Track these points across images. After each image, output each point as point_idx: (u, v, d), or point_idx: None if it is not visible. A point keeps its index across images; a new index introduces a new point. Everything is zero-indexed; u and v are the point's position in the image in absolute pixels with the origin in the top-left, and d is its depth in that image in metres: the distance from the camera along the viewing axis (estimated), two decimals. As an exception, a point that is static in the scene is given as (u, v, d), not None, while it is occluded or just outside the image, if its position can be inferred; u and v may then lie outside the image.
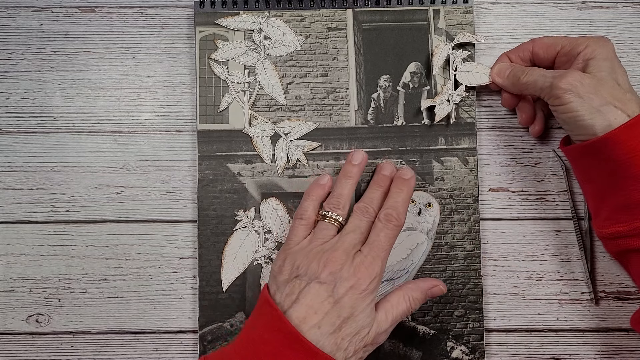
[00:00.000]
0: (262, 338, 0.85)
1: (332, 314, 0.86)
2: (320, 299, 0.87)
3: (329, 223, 0.95)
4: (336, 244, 0.91)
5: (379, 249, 0.91)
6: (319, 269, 0.88)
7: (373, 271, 0.89)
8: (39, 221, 1.08)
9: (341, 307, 0.87)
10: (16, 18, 1.11)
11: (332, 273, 0.88)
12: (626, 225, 0.93)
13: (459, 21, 1.08)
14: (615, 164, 0.91)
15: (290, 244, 0.95)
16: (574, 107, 0.93)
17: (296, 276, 0.89)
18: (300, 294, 0.87)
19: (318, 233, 0.94)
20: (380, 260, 0.91)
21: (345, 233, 0.93)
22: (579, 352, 1.07)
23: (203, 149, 1.07)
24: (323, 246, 0.92)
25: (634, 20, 1.11)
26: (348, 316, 0.87)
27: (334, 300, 0.87)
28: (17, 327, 1.07)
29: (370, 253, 0.90)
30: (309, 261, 0.90)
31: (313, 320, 0.86)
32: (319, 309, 0.86)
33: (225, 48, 1.08)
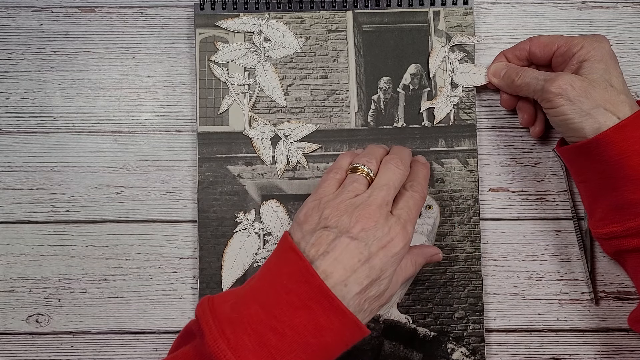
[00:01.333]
0: (285, 287, 0.82)
1: (360, 273, 0.83)
2: (351, 256, 0.83)
3: (360, 175, 0.91)
4: (369, 198, 0.87)
5: (409, 214, 0.89)
6: (351, 223, 0.85)
7: (406, 235, 0.87)
8: (39, 221, 1.08)
9: (371, 267, 0.84)
10: (16, 18, 1.10)
11: (365, 230, 0.84)
12: (620, 225, 0.94)
13: (459, 23, 1.08)
14: (608, 165, 0.92)
15: (318, 194, 0.91)
16: (564, 111, 0.94)
17: (324, 227, 0.85)
18: (329, 246, 0.84)
19: (348, 185, 0.90)
20: (412, 225, 0.89)
21: (377, 187, 0.89)
22: (579, 352, 1.07)
23: (203, 151, 1.07)
24: (354, 200, 0.88)
25: (634, 20, 1.11)
26: (376, 278, 0.84)
27: (365, 259, 0.83)
28: (17, 327, 1.07)
29: (403, 215, 0.88)
30: (340, 213, 0.86)
31: (341, 276, 0.82)
32: (347, 265, 0.83)
33: (225, 50, 1.08)
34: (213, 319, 0.80)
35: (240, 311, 0.81)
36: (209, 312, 0.81)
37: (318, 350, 0.81)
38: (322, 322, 0.80)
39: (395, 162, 0.92)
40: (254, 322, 0.80)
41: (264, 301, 0.81)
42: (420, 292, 1.06)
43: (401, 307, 1.05)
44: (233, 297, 0.84)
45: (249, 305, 0.82)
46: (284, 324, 0.79)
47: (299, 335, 0.79)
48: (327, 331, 0.81)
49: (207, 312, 0.81)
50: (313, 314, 0.80)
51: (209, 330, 0.79)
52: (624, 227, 0.93)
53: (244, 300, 0.83)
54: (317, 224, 0.86)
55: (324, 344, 0.81)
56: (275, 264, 0.86)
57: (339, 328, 0.81)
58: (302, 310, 0.80)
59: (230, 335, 0.79)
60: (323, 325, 0.80)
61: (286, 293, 0.81)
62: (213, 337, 0.78)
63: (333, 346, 0.82)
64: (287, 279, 0.82)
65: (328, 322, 0.80)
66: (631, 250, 0.94)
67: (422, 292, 1.06)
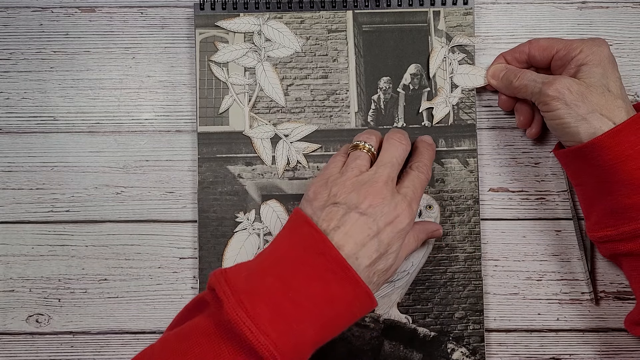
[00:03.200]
0: (300, 259, 0.85)
1: (370, 247, 0.87)
2: (361, 230, 0.87)
3: (362, 151, 0.95)
4: (374, 175, 0.91)
5: (414, 193, 0.93)
6: (359, 199, 0.88)
7: (411, 212, 0.91)
8: (39, 221, 1.08)
9: (380, 242, 0.88)
10: (16, 18, 1.10)
11: (373, 206, 0.88)
12: (614, 229, 0.94)
13: (459, 23, 1.08)
14: (603, 169, 0.92)
15: (325, 174, 0.94)
16: (560, 115, 0.94)
17: (333, 203, 0.89)
18: (339, 221, 0.88)
19: (351, 163, 0.94)
20: (416, 203, 0.93)
21: (381, 164, 0.93)
22: (579, 352, 1.07)
23: (203, 151, 1.07)
24: (360, 177, 0.91)
25: (634, 20, 1.11)
26: (383, 252, 0.88)
27: (374, 234, 0.88)
28: (17, 327, 1.07)
29: (409, 194, 0.92)
30: (348, 190, 0.90)
31: (351, 250, 0.86)
32: (358, 239, 0.87)
33: (225, 50, 1.08)
34: (230, 288, 0.82)
35: (256, 282, 0.84)
36: (224, 282, 0.83)
37: (331, 319, 0.85)
38: (337, 292, 0.84)
39: (398, 136, 0.96)
40: (270, 292, 0.82)
41: (279, 273, 0.84)
42: (420, 292, 1.06)
43: (401, 307, 1.05)
44: (245, 269, 0.86)
45: (265, 277, 0.84)
46: (300, 294, 0.83)
47: (314, 304, 0.83)
48: (340, 301, 0.84)
49: (222, 282, 0.83)
50: (328, 284, 0.84)
51: (227, 300, 0.81)
52: (619, 231, 0.93)
53: (259, 272, 0.85)
54: (326, 201, 0.90)
55: (337, 313, 0.85)
56: (289, 238, 0.89)
57: (352, 298, 0.85)
58: (317, 281, 0.84)
59: (247, 304, 0.81)
60: (337, 295, 0.84)
61: (302, 264, 0.85)
62: (232, 306, 0.80)
63: (345, 316, 0.86)
64: (303, 251, 0.86)
65: (342, 292, 0.84)
66: (626, 254, 0.95)
67: (422, 292, 1.06)
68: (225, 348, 0.81)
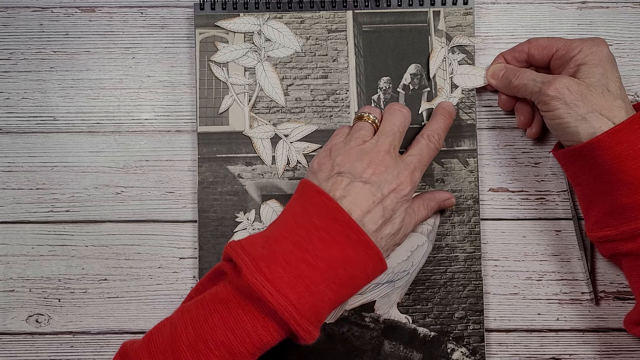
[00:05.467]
0: (314, 225, 0.88)
1: (375, 214, 0.90)
2: (365, 198, 0.90)
3: (365, 122, 0.98)
4: (377, 144, 0.94)
5: (420, 161, 0.96)
6: (363, 168, 0.91)
7: (414, 179, 0.94)
8: (39, 221, 1.08)
9: (384, 208, 0.91)
10: (16, 18, 1.10)
11: (376, 174, 0.91)
12: (614, 229, 0.94)
13: (459, 23, 1.08)
14: (602, 169, 0.92)
15: (329, 145, 0.97)
16: (559, 114, 0.94)
17: (338, 173, 0.92)
18: (345, 190, 0.90)
19: (355, 133, 0.97)
20: (420, 171, 0.96)
21: (383, 134, 0.95)
22: (579, 352, 1.07)
23: (203, 151, 1.07)
24: (363, 146, 0.94)
25: (634, 20, 1.11)
26: (389, 218, 0.91)
27: (378, 201, 0.90)
28: (17, 327, 1.07)
29: (413, 162, 0.95)
30: (351, 160, 0.92)
31: (358, 217, 0.89)
32: (363, 207, 0.89)
33: (225, 50, 1.07)
34: (247, 255, 0.85)
35: (272, 249, 0.87)
36: (241, 250, 0.86)
37: (346, 280, 0.88)
38: (351, 254, 0.87)
39: (399, 105, 0.98)
40: (287, 257, 0.85)
41: (294, 239, 0.87)
42: (420, 292, 1.06)
43: (401, 307, 1.05)
44: (260, 239, 0.89)
45: (280, 243, 0.87)
46: (316, 257, 0.86)
47: (330, 267, 0.86)
48: (355, 263, 0.88)
49: (239, 250, 0.86)
50: (342, 247, 0.87)
51: (246, 266, 0.83)
52: (618, 231, 0.93)
53: (274, 239, 0.88)
54: (330, 171, 0.93)
55: (352, 275, 0.88)
56: (301, 206, 0.91)
57: (365, 260, 0.88)
58: (332, 245, 0.87)
59: (265, 269, 0.84)
60: (351, 257, 0.87)
61: (316, 230, 0.87)
62: (250, 271, 0.83)
63: (359, 277, 0.89)
64: (317, 217, 0.88)
65: (355, 254, 0.87)
66: (625, 254, 0.95)
67: (422, 292, 1.06)
68: (244, 313, 0.83)
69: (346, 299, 0.90)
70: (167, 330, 0.85)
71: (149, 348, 0.85)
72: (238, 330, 0.83)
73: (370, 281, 0.92)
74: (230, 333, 0.82)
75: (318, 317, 0.86)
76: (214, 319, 0.83)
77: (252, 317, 0.83)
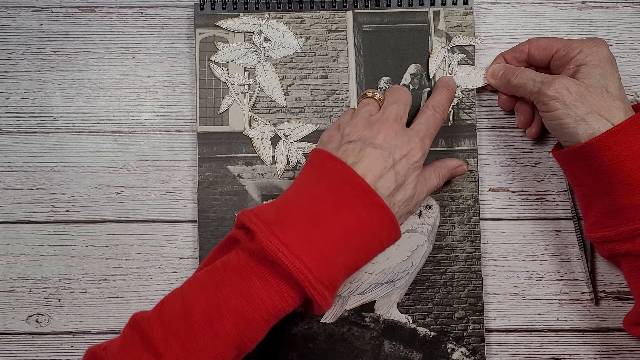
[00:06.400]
0: (326, 189, 0.88)
1: (388, 179, 0.90)
2: (378, 162, 0.90)
3: (370, 98, 1.00)
4: (383, 115, 0.95)
5: (428, 129, 0.97)
6: (373, 134, 0.92)
7: (424, 146, 0.95)
8: (39, 221, 1.08)
9: (396, 173, 0.91)
10: (16, 18, 1.10)
11: (387, 140, 0.92)
12: (612, 230, 0.94)
13: (458, 23, 1.08)
14: (601, 169, 0.92)
15: (337, 121, 0.99)
16: (559, 115, 0.94)
17: (348, 141, 0.92)
18: (357, 157, 0.90)
19: (361, 108, 0.98)
20: (429, 139, 0.97)
21: (388, 105, 0.97)
22: (579, 352, 1.07)
23: (203, 151, 1.07)
24: (370, 118, 0.96)
25: (634, 20, 1.11)
26: (401, 184, 0.92)
27: (390, 166, 0.91)
28: (17, 327, 1.07)
29: (422, 129, 0.96)
30: (360, 129, 0.93)
31: (371, 182, 0.89)
32: (376, 172, 0.90)
33: (225, 50, 1.07)
34: (260, 221, 0.84)
35: (285, 215, 0.86)
36: (254, 216, 0.85)
37: (360, 245, 0.88)
38: (364, 218, 0.87)
39: (400, 86, 1.01)
40: (300, 222, 0.85)
41: (307, 203, 0.87)
42: (420, 292, 1.06)
43: (401, 307, 1.05)
44: (272, 206, 0.89)
45: (293, 208, 0.87)
46: (329, 221, 0.85)
47: (343, 230, 0.86)
48: (368, 227, 0.88)
49: (252, 217, 0.85)
50: (356, 211, 0.87)
51: (260, 230, 0.83)
52: (617, 232, 0.93)
53: (287, 205, 0.88)
54: (340, 141, 0.94)
55: (366, 239, 0.88)
56: (313, 173, 0.92)
57: (379, 224, 0.89)
58: (345, 209, 0.86)
59: (279, 233, 0.83)
60: (364, 221, 0.87)
61: (328, 194, 0.88)
62: (264, 235, 0.83)
63: (372, 243, 0.90)
64: (329, 182, 0.89)
65: (369, 217, 0.87)
66: (624, 254, 0.94)
67: (422, 292, 1.06)
68: (258, 279, 0.83)
69: (360, 265, 0.90)
70: (178, 299, 0.85)
71: (160, 317, 0.84)
72: (252, 297, 0.82)
73: (384, 248, 0.92)
74: (243, 300, 0.82)
75: (332, 282, 0.85)
76: (226, 286, 0.83)
77: (266, 283, 0.82)
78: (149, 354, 0.81)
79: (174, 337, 0.81)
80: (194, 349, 0.81)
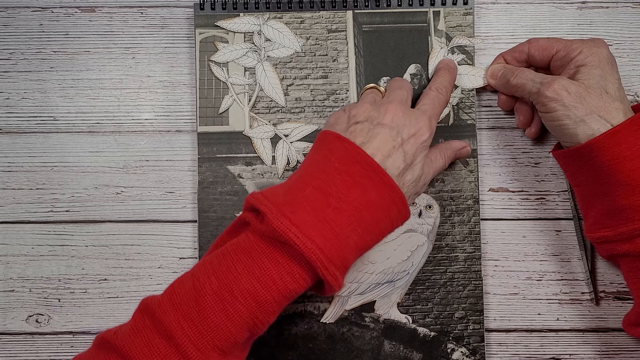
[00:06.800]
0: (337, 169, 0.87)
1: (397, 158, 0.90)
2: (386, 142, 0.90)
3: (374, 89, 1.02)
4: (389, 97, 0.96)
5: (433, 109, 0.97)
6: (380, 114, 0.92)
7: (432, 125, 0.95)
8: (39, 221, 1.08)
9: (405, 152, 0.91)
10: (16, 18, 1.10)
11: (395, 119, 0.91)
12: (612, 230, 0.94)
13: (458, 23, 1.08)
14: (601, 169, 0.92)
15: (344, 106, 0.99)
16: (558, 116, 0.94)
17: (356, 122, 0.92)
18: (366, 137, 0.90)
19: (366, 96, 0.99)
20: (435, 119, 0.97)
21: (392, 90, 0.97)
22: (579, 352, 1.07)
23: (203, 150, 1.07)
24: (376, 102, 0.96)
25: (634, 20, 1.11)
26: (410, 163, 0.91)
27: (399, 145, 0.90)
28: (17, 327, 1.07)
29: (428, 110, 0.96)
30: (367, 109, 0.93)
31: (380, 161, 0.88)
32: (385, 151, 0.89)
33: (225, 50, 1.07)
34: (270, 202, 0.84)
35: (295, 195, 0.86)
36: (264, 198, 0.85)
37: (371, 224, 0.87)
38: (374, 197, 0.86)
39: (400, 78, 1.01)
40: (310, 201, 0.85)
41: (317, 184, 0.86)
42: (420, 292, 1.06)
43: (401, 307, 1.05)
44: (282, 188, 0.88)
45: (303, 189, 0.86)
46: (340, 200, 0.85)
47: (354, 209, 0.85)
48: (378, 206, 0.87)
49: (262, 198, 0.85)
50: (366, 190, 0.86)
51: (270, 211, 0.83)
52: (616, 232, 0.93)
53: (296, 186, 0.87)
54: (347, 122, 0.93)
55: (377, 218, 0.87)
56: (321, 154, 0.91)
57: (389, 203, 0.88)
58: (355, 188, 0.86)
59: (290, 214, 0.82)
60: (375, 200, 0.86)
61: (339, 174, 0.87)
62: (275, 216, 0.82)
63: (383, 222, 0.89)
64: (338, 162, 0.88)
65: (379, 197, 0.87)
66: (623, 255, 0.94)
67: (422, 292, 1.06)
68: (269, 261, 0.83)
69: (371, 245, 0.89)
70: (189, 282, 0.84)
71: (171, 300, 0.83)
72: (263, 278, 0.82)
73: (394, 228, 0.91)
74: (255, 281, 0.82)
75: (344, 262, 0.85)
76: (237, 268, 0.82)
77: (277, 264, 0.82)
78: (161, 337, 0.81)
79: (186, 319, 0.81)
80: (206, 330, 0.81)
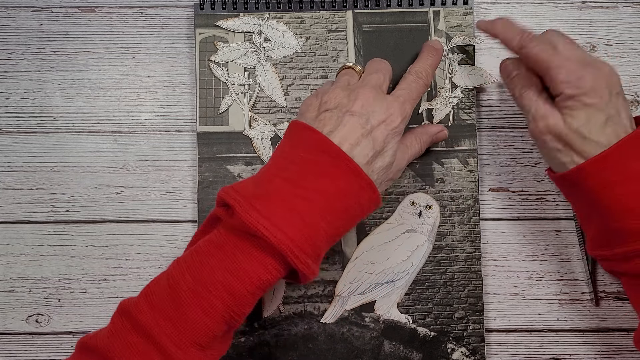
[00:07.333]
0: (304, 159, 0.87)
1: (365, 146, 0.89)
2: (354, 130, 0.89)
3: (350, 69, 1.00)
4: (363, 82, 0.95)
5: (409, 94, 0.95)
6: (350, 102, 0.91)
7: (404, 110, 0.93)
8: (39, 221, 1.08)
9: (374, 139, 0.90)
10: (16, 18, 1.10)
11: (365, 106, 0.90)
12: (609, 250, 0.92)
13: (459, 23, 1.08)
14: (590, 194, 0.91)
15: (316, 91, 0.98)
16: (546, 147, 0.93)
17: (325, 110, 0.91)
18: (334, 125, 0.89)
19: (341, 78, 0.98)
20: (410, 105, 0.95)
21: (368, 73, 0.96)
22: (579, 352, 1.07)
23: (203, 150, 1.06)
24: (349, 86, 0.95)
25: (634, 20, 1.11)
26: (379, 150, 0.90)
27: (367, 132, 0.89)
28: (17, 327, 1.07)
29: (402, 95, 0.95)
30: (338, 96, 0.92)
31: (347, 150, 0.88)
32: (352, 139, 0.88)
33: (225, 50, 1.07)
34: (240, 195, 0.84)
35: (264, 187, 0.86)
36: (233, 192, 0.85)
37: (341, 212, 0.87)
38: (343, 185, 0.87)
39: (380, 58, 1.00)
40: (280, 193, 0.85)
41: (286, 175, 0.87)
42: (420, 292, 1.06)
43: (401, 307, 1.05)
44: (251, 180, 0.88)
45: (272, 181, 0.87)
46: (308, 190, 0.85)
47: (323, 198, 0.85)
48: (347, 194, 0.87)
49: (231, 192, 0.85)
50: (334, 179, 0.86)
51: (239, 204, 0.83)
52: (613, 252, 0.92)
53: (266, 178, 0.88)
54: (318, 109, 0.92)
55: (346, 206, 0.88)
56: (290, 145, 0.91)
57: (357, 190, 0.88)
58: (323, 177, 0.86)
59: (259, 206, 0.83)
60: (344, 188, 0.87)
61: (307, 164, 0.87)
62: (244, 209, 0.82)
63: (353, 209, 0.89)
64: (306, 152, 0.88)
65: (347, 185, 0.87)
66: (622, 273, 0.94)
67: (422, 292, 1.06)
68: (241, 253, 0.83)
69: (342, 233, 0.90)
70: (164, 281, 0.85)
71: (148, 300, 0.84)
72: (237, 271, 0.82)
73: (365, 214, 0.91)
74: (229, 274, 0.82)
75: (316, 251, 0.85)
76: (211, 263, 0.83)
77: (249, 257, 0.82)
78: (140, 337, 0.82)
79: (164, 318, 0.82)
80: (184, 327, 0.81)
